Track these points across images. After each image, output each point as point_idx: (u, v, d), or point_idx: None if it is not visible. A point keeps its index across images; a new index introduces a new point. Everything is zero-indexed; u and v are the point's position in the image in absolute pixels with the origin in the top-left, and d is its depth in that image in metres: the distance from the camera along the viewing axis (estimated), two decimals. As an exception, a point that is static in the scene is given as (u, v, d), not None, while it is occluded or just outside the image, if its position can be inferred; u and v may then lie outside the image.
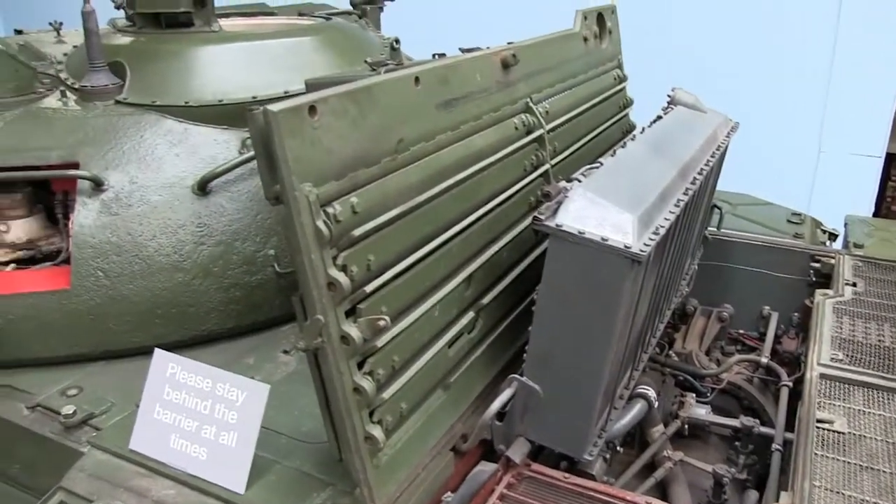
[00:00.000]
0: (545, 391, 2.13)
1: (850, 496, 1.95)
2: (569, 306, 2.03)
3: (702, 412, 2.96)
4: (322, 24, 3.74)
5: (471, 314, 2.29)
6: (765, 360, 3.24)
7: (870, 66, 6.22)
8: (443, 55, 2.82)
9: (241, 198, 2.88)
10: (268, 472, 2.10)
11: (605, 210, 1.99)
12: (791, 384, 3.00)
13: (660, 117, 3.02)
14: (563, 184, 2.09)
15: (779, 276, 3.59)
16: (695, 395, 3.07)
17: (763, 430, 2.80)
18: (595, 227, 1.95)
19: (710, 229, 3.64)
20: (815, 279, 3.44)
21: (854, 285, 3.10)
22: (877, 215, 6.82)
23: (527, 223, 2.59)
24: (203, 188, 2.82)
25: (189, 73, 3.04)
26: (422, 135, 2.09)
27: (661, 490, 2.68)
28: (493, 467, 2.15)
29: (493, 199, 2.42)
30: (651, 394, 2.69)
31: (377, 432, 1.85)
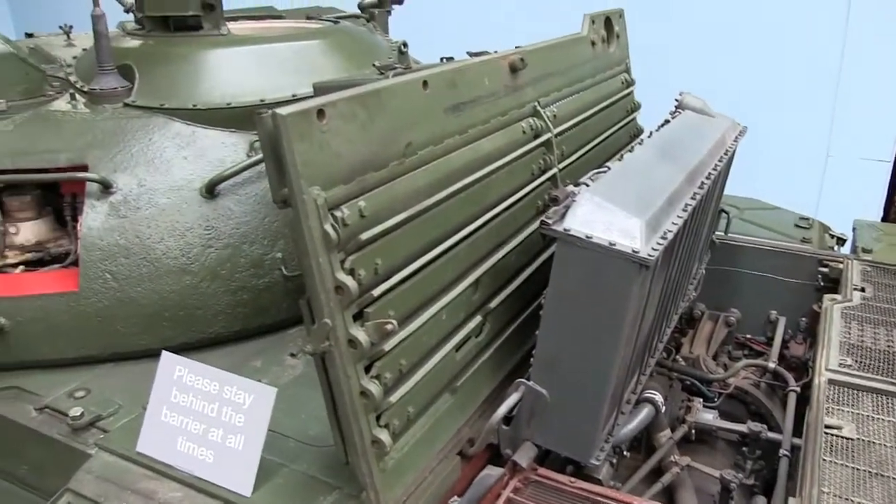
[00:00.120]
0: (552, 395, 2.13)
1: (859, 503, 1.94)
2: (576, 311, 2.03)
3: (709, 417, 2.96)
4: (330, 27, 3.75)
5: (478, 318, 2.29)
6: (772, 364, 3.23)
7: (879, 70, 6.21)
8: (451, 59, 2.82)
9: (249, 201, 2.88)
10: (275, 475, 2.10)
11: (612, 214, 1.99)
12: (799, 389, 2.99)
13: (667, 121, 3.02)
14: (570, 188, 2.09)
15: (786, 280, 3.57)
16: (702, 399, 3.06)
17: (771, 435, 2.79)
18: (603, 232, 1.95)
19: (718, 234, 3.63)
20: (822, 284, 3.43)
21: (862, 290, 3.09)
22: (885, 220, 6.77)
23: (534, 227, 2.58)
24: (211, 191, 2.82)
25: (197, 76, 3.05)
26: (430, 138, 2.09)
27: (668, 495, 2.68)
28: (499, 471, 2.15)
29: (500, 202, 2.41)
30: (658, 398, 2.69)
31: (384, 436, 1.85)
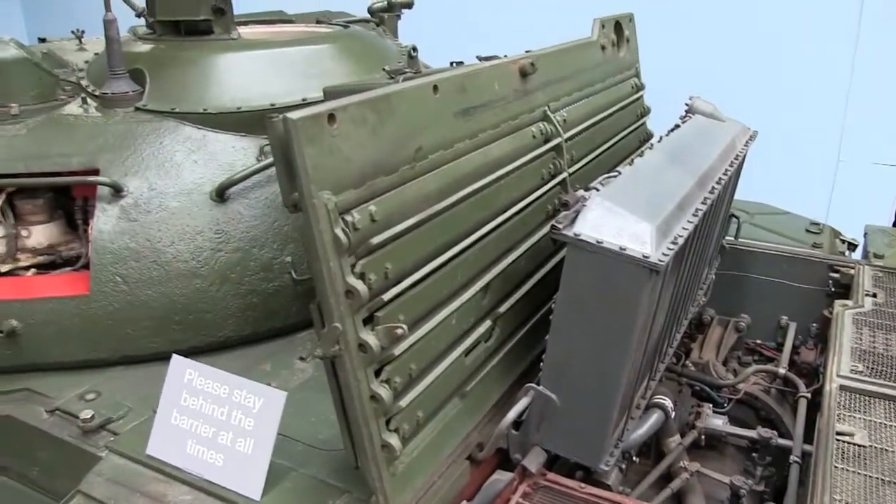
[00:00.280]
0: (562, 400, 2.12)
1: (871, 510, 1.93)
2: (586, 315, 2.03)
3: (719, 423, 2.94)
4: (340, 31, 3.76)
5: (488, 323, 2.28)
6: (782, 370, 3.22)
7: (890, 75, 6.18)
8: (460, 63, 2.83)
9: (259, 204, 2.89)
10: (284, 478, 2.10)
11: (623, 219, 1.98)
12: (809, 395, 2.97)
13: (678, 126, 3.01)
14: (581, 193, 2.09)
15: (797, 286, 3.56)
16: (711, 405, 3.05)
17: (781, 441, 2.78)
18: (613, 237, 1.95)
19: (728, 238, 3.62)
20: (833, 289, 3.41)
21: (874, 296, 3.07)
22: (897, 225, 6.76)
23: (544, 232, 2.58)
24: (221, 195, 2.83)
25: (208, 80, 3.07)
26: (440, 143, 2.09)
27: (678, 501, 2.67)
28: (508, 476, 2.15)
29: (510, 207, 2.41)
30: (668, 404, 2.67)
31: (394, 440, 1.85)
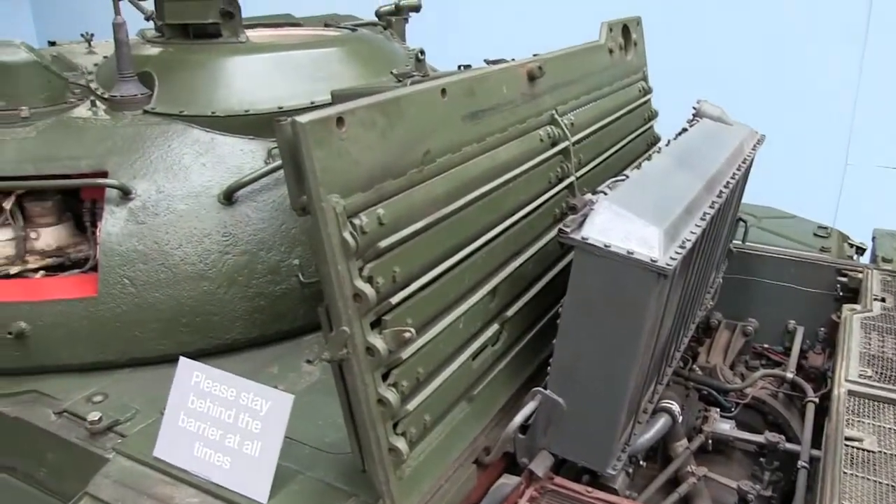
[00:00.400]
0: (569, 404, 2.12)
1: (880, 517, 1.92)
2: (594, 319, 2.02)
3: (726, 427, 2.93)
4: (348, 35, 3.76)
5: (495, 326, 2.28)
6: (790, 375, 3.20)
7: (898, 78, 6.16)
8: (468, 67, 2.83)
9: (267, 207, 2.90)
10: (291, 482, 2.10)
11: (630, 223, 1.98)
12: (817, 400, 2.96)
13: (685, 130, 3.01)
14: (588, 196, 2.09)
15: (805, 290, 3.55)
16: (719, 409, 3.04)
17: (789, 446, 2.77)
18: (621, 241, 1.94)
19: (735, 242, 3.61)
20: (841, 294, 3.40)
21: (883, 300, 3.06)
22: (905, 229, 6.72)
23: (551, 235, 2.58)
24: (229, 198, 2.84)
25: (216, 83, 3.07)
26: (448, 146, 2.09)
27: (685, 506, 2.66)
28: (515, 480, 2.15)
29: (518, 211, 2.41)
30: (675, 408, 2.67)
31: (401, 444, 1.85)
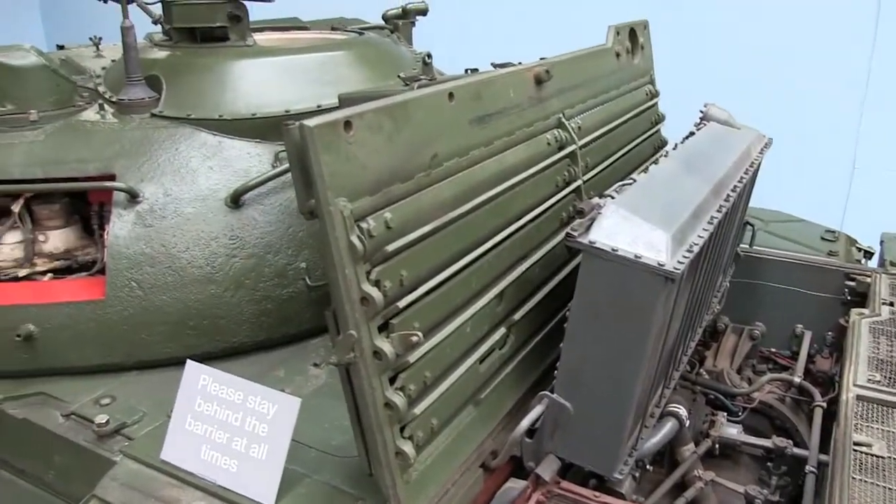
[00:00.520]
0: (576, 408, 2.12)
1: (890, 523, 1.91)
2: (601, 323, 2.02)
3: (733, 431, 2.92)
4: (355, 38, 3.77)
5: (502, 330, 2.28)
6: (798, 379, 3.19)
7: (906, 81, 6.14)
8: (475, 70, 2.83)
9: (274, 211, 2.90)
10: (297, 485, 2.10)
11: (638, 227, 1.98)
12: (825, 405, 2.95)
13: (692, 133, 3.00)
14: (596, 200, 2.09)
15: (812, 294, 3.53)
16: (726, 414, 3.03)
17: (796, 451, 2.75)
18: (628, 245, 1.94)
19: (743, 246, 3.60)
20: (849, 298, 3.39)
21: (891, 305, 3.04)
22: (913, 233, 6.69)
23: (558, 239, 2.58)
24: (236, 201, 2.85)
25: (223, 86, 3.08)
26: (455, 150, 2.09)
27: (692, 510, 2.65)
28: (522, 484, 2.15)
29: (525, 214, 2.41)
30: (682, 412, 2.66)
31: (408, 448, 1.85)
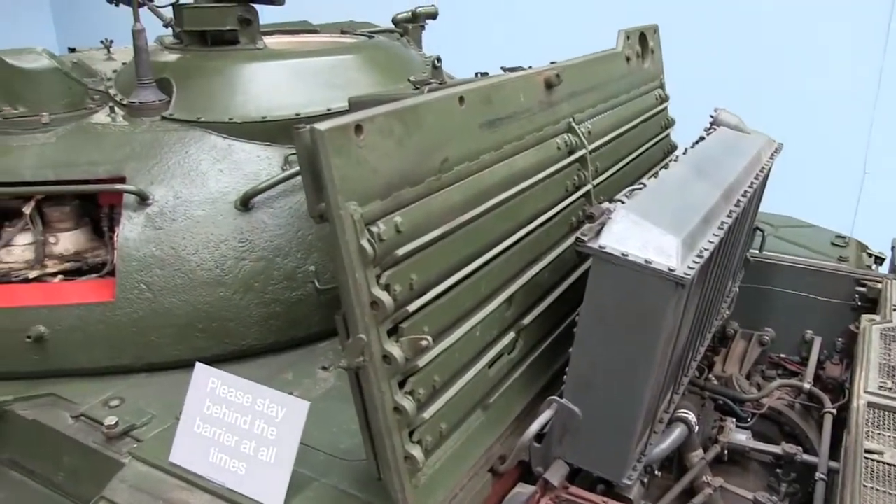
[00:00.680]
0: (585, 413, 2.11)
1: (902, 532, 1.89)
2: (611, 329, 2.01)
3: (742, 437, 2.91)
4: (365, 42, 3.78)
5: (511, 335, 2.28)
6: (807, 385, 3.17)
7: (917, 86, 6.12)
8: (485, 74, 2.83)
9: (283, 214, 2.91)
10: (306, 488, 2.10)
11: (648, 232, 1.97)
12: (835, 411, 2.93)
13: (703, 138, 2.99)
14: (606, 205, 2.08)
15: (822, 300, 3.52)
16: (735, 419, 3.01)
17: (806, 457, 2.74)
18: (638, 250, 1.93)
19: (752, 251, 3.59)
20: (860, 304, 3.37)
21: (902, 311, 3.03)
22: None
23: (568, 244, 2.57)
24: (245, 204, 2.85)
25: (234, 89, 3.09)
26: (465, 154, 2.09)
27: (701, 517, 2.64)
28: (530, 489, 2.14)
29: (535, 219, 2.41)
30: (691, 418, 2.65)
31: (417, 452, 1.85)
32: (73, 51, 3.92)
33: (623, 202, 2.12)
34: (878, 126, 6.33)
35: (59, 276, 2.91)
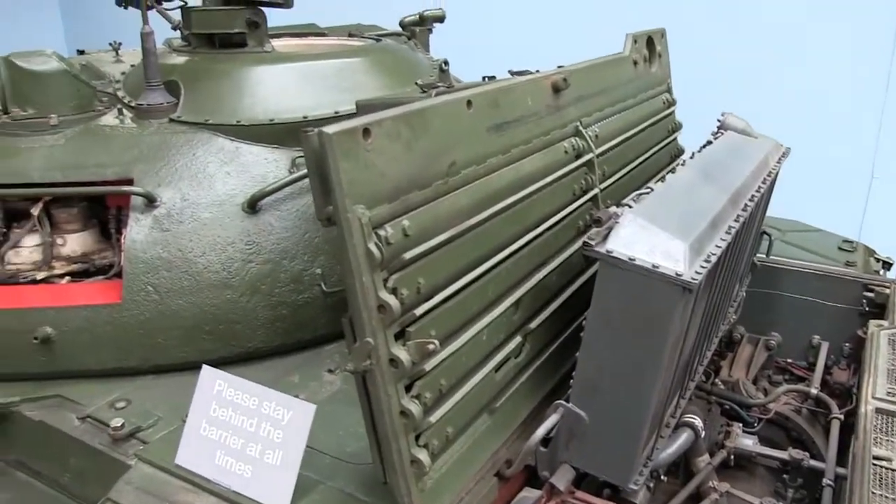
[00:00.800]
0: (591, 418, 2.11)
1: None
2: (617, 333, 2.01)
3: (749, 443, 2.90)
4: (372, 45, 3.78)
5: (518, 339, 2.28)
6: (814, 390, 3.16)
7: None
8: (492, 78, 2.83)
9: (290, 216, 2.91)
10: (311, 491, 2.10)
11: (655, 237, 1.97)
12: (842, 417, 2.92)
13: (710, 142, 2.99)
14: (613, 209, 2.08)
15: (829, 304, 3.51)
16: (741, 424, 3.01)
17: (813, 463, 2.73)
18: (646, 254, 1.93)
19: (759, 256, 3.58)
20: (867, 309, 3.36)
21: (911, 316, 3.02)
22: (931, 243, 6.62)
23: (575, 248, 2.57)
24: (253, 206, 2.85)
25: (241, 92, 3.10)
26: (473, 158, 2.09)
27: (707, 522, 2.63)
28: (536, 494, 2.14)
29: (542, 223, 2.41)
30: (698, 423, 2.64)
31: (423, 456, 1.84)
32: (81, 53, 3.93)
33: (630, 206, 2.12)
34: (886, 130, 6.31)
35: (67, 278, 2.91)
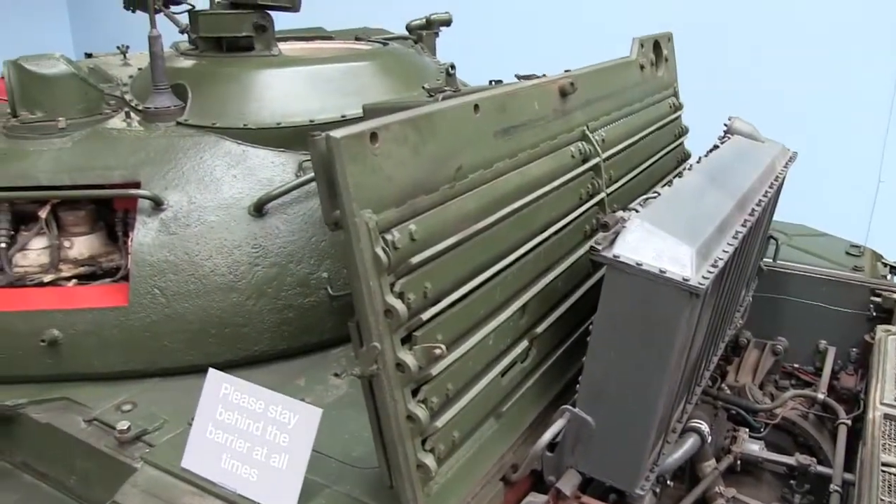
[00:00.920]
0: (598, 423, 2.10)
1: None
2: (624, 338, 2.01)
3: (755, 448, 2.89)
4: (379, 48, 3.78)
5: (525, 343, 2.27)
6: (821, 396, 3.16)
7: (933, 94, 6.07)
8: (499, 82, 2.83)
9: (297, 220, 2.91)
10: (317, 495, 2.10)
11: (663, 241, 1.97)
12: (850, 422, 2.91)
13: (717, 147, 2.98)
14: (620, 214, 2.08)
15: (836, 309, 3.50)
16: (748, 430, 3.00)
17: (820, 469, 2.72)
18: (653, 259, 1.93)
19: (766, 260, 3.57)
20: (875, 314, 3.35)
21: (918, 322, 3.01)
22: (938, 248, 6.59)
23: (582, 252, 2.57)
24: (259, 210, 2.86)
25: (248, 95, 3.10)
26: (480, 162, 2.09)
27: (714, 528, 2.63)
28: (542, 499, 2.13)
29: (548, 227, 2.40)
30: (704, 428, 2.63)
31: (429, 460, 1.84)
32: (89, 56, 3.95)
33: (637, 211, 2.12)
34: (894, 134, 6.29)
35: (74, 281, 2.92)
